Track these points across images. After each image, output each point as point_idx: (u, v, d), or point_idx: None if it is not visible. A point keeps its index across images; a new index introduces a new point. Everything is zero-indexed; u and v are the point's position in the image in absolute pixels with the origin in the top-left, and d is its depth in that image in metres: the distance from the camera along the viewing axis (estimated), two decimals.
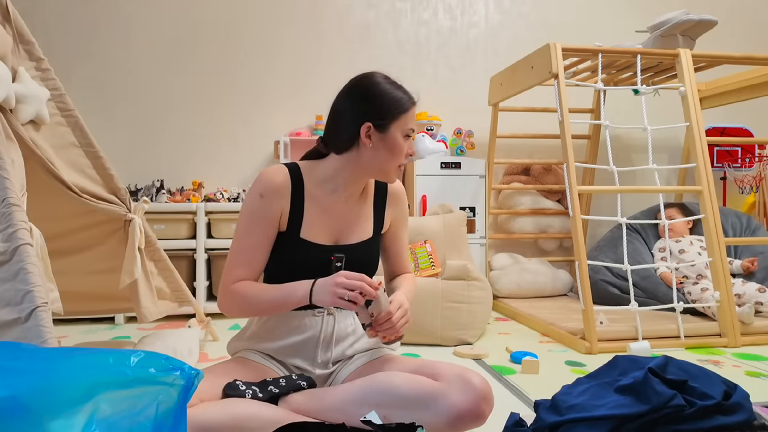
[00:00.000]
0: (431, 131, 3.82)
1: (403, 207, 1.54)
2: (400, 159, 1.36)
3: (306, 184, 1.37)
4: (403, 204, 1.53)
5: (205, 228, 3.20)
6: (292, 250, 1.34)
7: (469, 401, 1.14)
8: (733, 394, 1.21)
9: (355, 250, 1.39)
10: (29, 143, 1.46)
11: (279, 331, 1.37)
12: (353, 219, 1.41)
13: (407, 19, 4.05)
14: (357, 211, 1.43)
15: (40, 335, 1.10)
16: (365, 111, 1.31)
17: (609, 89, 3.06)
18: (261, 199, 1.32)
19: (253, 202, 1.33)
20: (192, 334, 2.35)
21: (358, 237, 1.41)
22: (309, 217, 1.36)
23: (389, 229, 1.51)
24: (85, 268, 2.12)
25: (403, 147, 1.35)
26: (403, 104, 1.35)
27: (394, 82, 1.37)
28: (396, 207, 1.51)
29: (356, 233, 1.41)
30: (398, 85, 1.37)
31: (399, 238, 1.53)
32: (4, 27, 1.45)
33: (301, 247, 1.34)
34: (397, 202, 1.51)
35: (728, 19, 4.03)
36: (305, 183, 1.37)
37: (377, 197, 1.48)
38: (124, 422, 0.74)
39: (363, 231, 1.42)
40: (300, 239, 1.34)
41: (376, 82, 1.34)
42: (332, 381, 1.37)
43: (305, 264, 1.33)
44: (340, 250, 1.34)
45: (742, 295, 2.85)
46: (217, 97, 3.78)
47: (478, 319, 2.63)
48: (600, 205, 4.11)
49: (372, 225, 1.44)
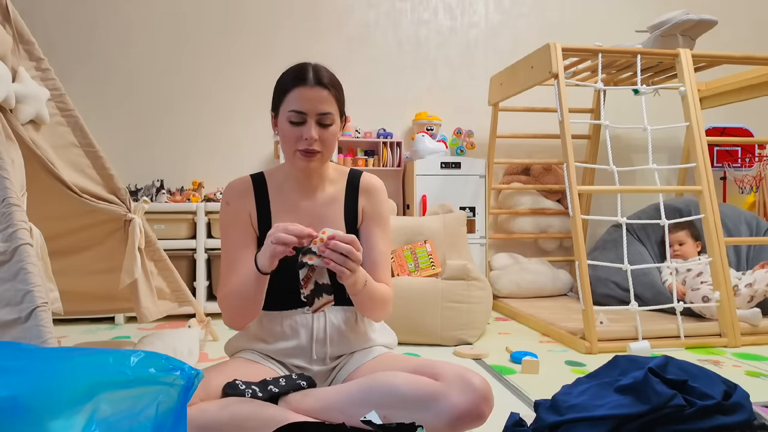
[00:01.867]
0: (431, 131, 3.82)
1: (377, 203, 1.44)
2: (291, 145, 1.30)
3: (269, 186, 1.42)
4: (375, 199, 1.44)
5: (205, 228, 3.20)
6: None
7: (469, 402, 1.13)
8: (733, 394, 1.21)
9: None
10: (29, 143, 1.46)
11: (274, 331, 1.37)
12: (322, 213, 1.41)
13: (407, 19, 4.05)
14: (327, 207, 1.41)
15: (40, 335, 1.10)
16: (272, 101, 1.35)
17: (609, 89, 3.06)
18: (228, 207, 1.40)
19: (223, 212, 1.41)
20: (192, 334, 2.35)
21: None
22: (277, 216, 1.39)
23: (362, 225, 1.43)
24: (85, 268, 2.12)
25: (289, 132, 1.29)
26: (285, 85, 1.30)
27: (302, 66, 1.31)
28: (367, 199, 1.43)
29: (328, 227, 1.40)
30: (299, 67, 1.31)
31: (371, 236, 1.41)
32: (4, 27, 1.45)
33: None
34: (368, 195, 1.43)
35: (728, 19, 4.03)
36: (268, 185, 1.42)
37: (349, 191, 1.44)
38: (124, 422, 0.74)
39: (334, 227, 1.38)
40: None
41: (285, 71, 1.34)
42: (333, 379, 1.37)
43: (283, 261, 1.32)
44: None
45: (753, 283, 2.78)
46: (217, 97, 3.79)
47: (478, 319, 2.63)
48: (600, 205, 4.11)
49: (344, 220, 1.41)
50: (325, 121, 1.30)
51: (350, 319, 1.40)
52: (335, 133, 1.34)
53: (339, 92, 1.34)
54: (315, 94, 1.28)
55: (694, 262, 3.04)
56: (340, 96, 1.34)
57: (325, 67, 1.35)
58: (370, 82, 3.95)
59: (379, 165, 3.76)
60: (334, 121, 1.32)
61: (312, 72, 1.30)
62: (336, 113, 1.33)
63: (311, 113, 1.28)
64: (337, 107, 1.33)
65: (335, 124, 1.33)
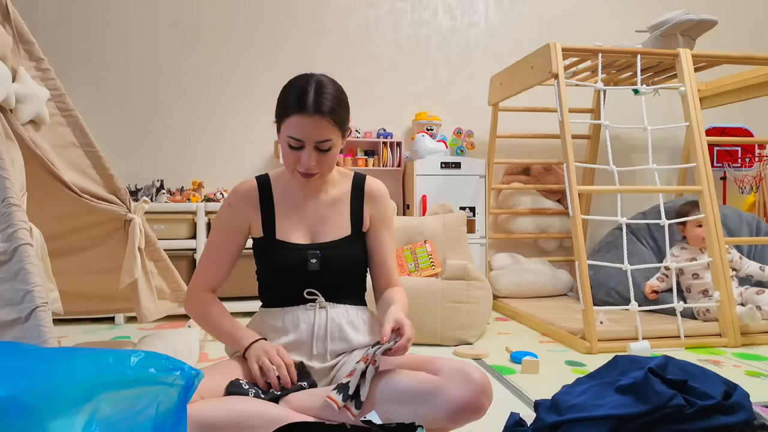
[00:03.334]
0: (431, 131, 3.82)
1: (382, 208, 1.47)
2: (291, 165, 1.31)
3: (274, 189, 1.43)
4: (381, 204, 1.47)
5: (205, 228, 3.20)
6: (271, 253, 1.39)
7: (468, 394, 1.14)
8: (733, 394, 1.21)
9: (333, 247, 1.39)
10: (29, 143, 1.46)
11: (275, 327, 1.38)
12: (327, 217, 1.42)
13: (407, 19, 4.05)
14: (331, 208, 1.43)
15: (40, 335, 1.10)
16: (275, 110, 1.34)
17: (609, 89, 3.06)
18: (229, 208, 1.43)
19: (222, 211, 1.44)
20: (192, 334, 2.35)
21: (334, 234, 1.41)
22: (282, 219, 1.40)
23: (369, 230, 1.47)
24: (85, 268, 2.12)
25: (288, 154, 1.29)
26: (286, 105, 1.27)
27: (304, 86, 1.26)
28: (373, 205, 1.46)
29: (332, 231, 1.41)
30: (301, 90, 1.26)
31: (382, 242, 1.46)
32: (4, 27, 1.45)
33: (279, 248, 1.38)
34: (374, 201, 1.46)
35: (728, 19, 4.03)
36: (273, 188, 1.43)
37: (354, 195, 1.46)
38: (124, 422, 0.74)
39: (340, 228, 1.42)
40: (277, 241, 1.38)
41: (290, 81, 1.32)
42: (333, 378, 1.37)
43: (285, 264, 1.37)
44: (316, 247, 1.36)
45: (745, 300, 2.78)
46: (217, 96, 3.79)
47: (478, 319, 2.63)
48: (600, 205, 4.11)
49: (349, 222, 1.43)
50: (323, 147, 1.29)
51: (351, 316, 1.41)
52: (335, 155, 1.34)
53: (340, 115, 1.30)
54: (313, 123, 1.25)
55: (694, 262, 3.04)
56: (340, 118, 1.30)
57: (329, 83, 1.29)
58: (370, 82, 3.95)
59: (379, 165, 3.76)
60: (333, 145, 1.30)
61: (312, 97, 1.25)
62: (336, 137, 1.30)
63: (309, 141, 1.27)
64: (338, 130, 1.30)
65: (335, 147, 1.32)
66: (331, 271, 1.37)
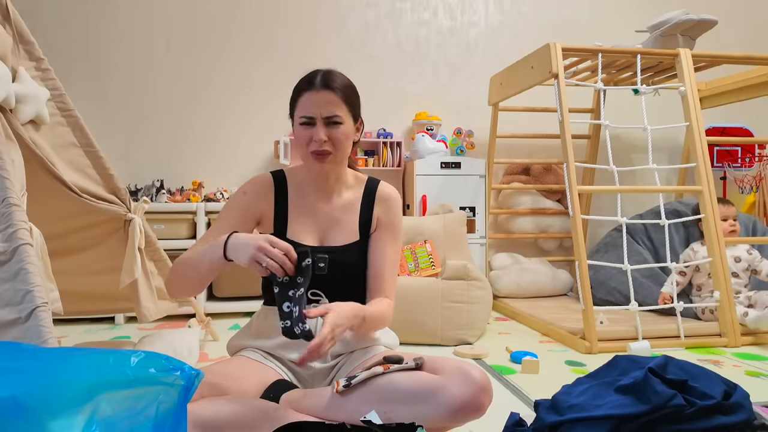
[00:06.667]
0: (431, 131, 3.82)
1: (391, 213, 1.47)
2: (304, 147, 1.36)
3: (289, 187, 1.45)
4: (390, 208, 1.47)
5: (205, 228, 3.20)
6: None
7: (468, 393, 1.14)
8: (733, 394, 1.21)
9: (342, 252, 1.40)
10: (29, 143, 1.46)
11: (276, 325, 1.38)
12: (338, 220, 1.43)
13: (407, 19, 4.05)
14: (343, 212, 1.44)
15: (40, 335, 1.10)
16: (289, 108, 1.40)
17: (609, 89, 3.06)
18: (244, 196, 1.44)
19: (235, 198, 1.44)
20: (192, 334, 2.35)
21: (344, 239, 1.42)
22: (294, 218, 1.42)
23: (373, 233, 1.46)
24: (85, 268, 2.12)
25: (301, 135, 1.35)
26: (298, 90, 1.35)
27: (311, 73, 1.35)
28: (382, 208, 1.47)
29: (342, 235, 1.42)
30: (310, 74, 1.35)
31: (381, 247, 1.43)
32: (4, 27, 1.45)
33: None
34: (384, 205, 1.47)
35: (728, 19, 4.03)
36: (288, 185, 1.45)
37: (366, 199, 1.47)
38: (125, 422, 0.74)
39: (349, 233, 1.43)
40: (287, 240, 1.38)
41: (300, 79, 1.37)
42: (333, 378, 1.38)
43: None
44: (325, 251, 1.34)
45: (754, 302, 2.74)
46: (217, 97, 3.79)
47: (478, 319, 2.63)
48: (600, 205, 4.11)
49: (358, 227, 1.44)
50: (333, 121, 1.33)
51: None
52: (346, 133, 1.36)
53: (349, 95, 1.36)
54: (322, 97, 1.32)
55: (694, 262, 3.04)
56: (350, 98, 1.36)
57: (339, 72, 1.37)
58: (370, 82, 3.95)
59: (379, 165, 3.76)
60: (343, 121, 1.34)
61: (320, 76, 1.34)
62: (345, 114, 1.35)
63: (319, 116, 1.32)
64: (347, 109, 1.35)
65: (345, 124, 1.35)
66: (337, 275, 1.36)
